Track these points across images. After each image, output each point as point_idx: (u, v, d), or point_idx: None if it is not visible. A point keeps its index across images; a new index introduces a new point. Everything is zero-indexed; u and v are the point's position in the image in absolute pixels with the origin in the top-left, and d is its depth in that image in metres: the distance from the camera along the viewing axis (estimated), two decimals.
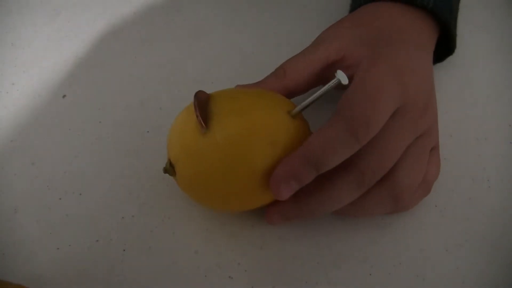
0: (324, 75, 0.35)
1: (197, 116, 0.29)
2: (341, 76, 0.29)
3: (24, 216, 0.35)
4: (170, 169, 0.32)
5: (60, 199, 0.36)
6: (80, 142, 0.38)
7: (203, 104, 0.30)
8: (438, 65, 0.41)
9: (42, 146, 0.38)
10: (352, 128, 0.28)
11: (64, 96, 0.41)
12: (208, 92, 0.32)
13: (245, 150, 0.29)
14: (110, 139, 0.39)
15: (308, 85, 0.35)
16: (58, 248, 0.34)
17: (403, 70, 0.32)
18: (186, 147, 0.30)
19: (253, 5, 0.47)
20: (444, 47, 0.40)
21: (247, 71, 0.42)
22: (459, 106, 0.40)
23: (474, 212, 0.35)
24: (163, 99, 0.41)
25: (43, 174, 0.37)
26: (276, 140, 0.29)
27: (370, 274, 0.32)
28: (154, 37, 0.44)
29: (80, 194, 0.36)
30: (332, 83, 0.30)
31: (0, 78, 0.42)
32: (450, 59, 0.42)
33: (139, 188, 0.36)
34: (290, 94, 0.35)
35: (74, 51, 0.44)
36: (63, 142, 0.39)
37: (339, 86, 0.31)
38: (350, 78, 0.31)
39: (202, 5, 0.47)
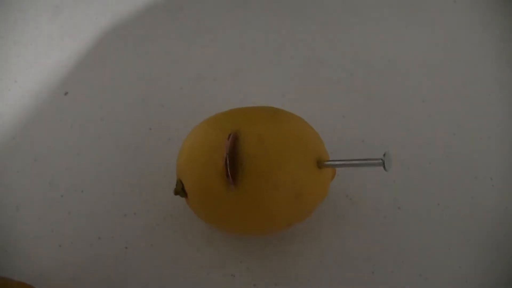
0: None
1: (227, 176, 0.28)
2: (387, 162, 0.27)
3: (26, 213, 0.35)
4: (181, 192, 0.30)
5: (62, 196, 0.36)
6: (82, 139, 0.38)
7: (233, 156, 0.28)
8: (442, 62, 0.41)
9: (44, 143, 0.38)
10: None
11: (66, 93, 0.41)
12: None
13: (270, 205, 0.29)
14: (112, 136, 0.38)
15: None
16: (60, 246, 0.34)
17: None
18: (207, 193, 0.29)
19: (255, 1, 0.47)
20: None
21: (249, 68, 0.42)
22: (463, 105, 0.40)
23: (477, 211, 0.35)
24: (165, 97, 0.40)
25: (45, 171, 0.37)
26: (302, 193, 0.29)
27: (373, 272, 0.32)
28: (156, 34, 0.44)
29: (82, 191, 0.36)
30: (375, 162, 0.27)
31: (2, 76, 0.42)
32: (452, 57, 0.41)
33: (141, 185, 0.36)
34: None
35: (76, 48, 0.43)
36: (65, 139, 0.38)
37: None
38: None
39: (204, 2, 0.47)
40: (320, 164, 0.29)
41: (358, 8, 0.45)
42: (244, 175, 0.28)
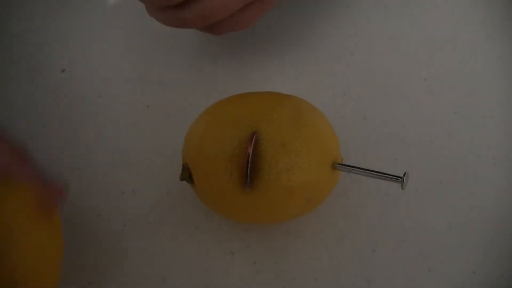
0: None
1: (245, 177, 0.28)
2: (405, 181, 0.28)
3: None
4: (188, 179, 0.30)
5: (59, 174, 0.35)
6: (79, 117, 0.38)
7: (253, 158, 0.28)
8: (443, 40, 0.41)
9: (41, 121, 0.38)
10: None
11: (63, 70, 0.40)
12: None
13: (282, 210, 0.30)
14: (110, 113, 0.38)
15: None
16: None
17: None
18: (219, 189, 0.29)
19: None
20: None
21: (249, 45, 0.41)
22: (465, 83, 0.39)
23: (478, 190, 0.35)
24: (163, 73, 0.40)
25: (42, 149, 0.36)
26: (313, 198, 0.30)
27: (374, 250, 0.32)
28: None
29: (80, 169, 0.36)
30: (392, 179, 0.28)
31: None
32: (454, 35, 0.41)
33: (139, 163, 0.36)
34: None
35: (73, 25, 0.43)
36: (62, 117, 0.38)
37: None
38: None
39: None
40: (334, 166, 0.30)
41: None
42: (262, 179, 0.28)
